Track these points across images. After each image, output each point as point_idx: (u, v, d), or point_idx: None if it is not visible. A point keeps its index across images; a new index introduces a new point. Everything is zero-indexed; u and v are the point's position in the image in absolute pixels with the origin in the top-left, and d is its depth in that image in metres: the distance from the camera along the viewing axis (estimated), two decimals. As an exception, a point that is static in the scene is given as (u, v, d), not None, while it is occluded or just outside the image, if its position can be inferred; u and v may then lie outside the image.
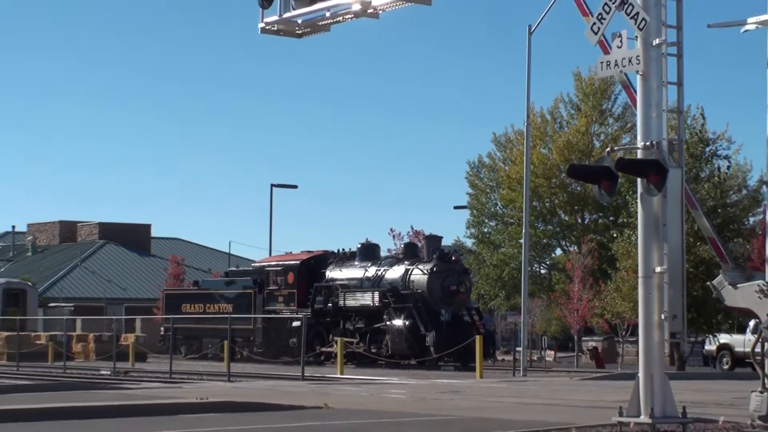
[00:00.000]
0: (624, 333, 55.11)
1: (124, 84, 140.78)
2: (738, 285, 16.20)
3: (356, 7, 19.55)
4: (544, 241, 70.22)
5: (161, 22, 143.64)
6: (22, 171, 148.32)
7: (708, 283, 17.28)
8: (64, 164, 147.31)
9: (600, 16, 15.57)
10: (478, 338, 40.81)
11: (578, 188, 64.85)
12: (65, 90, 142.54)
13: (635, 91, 15.80)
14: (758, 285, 16.06)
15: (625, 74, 16.52)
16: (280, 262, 54.59)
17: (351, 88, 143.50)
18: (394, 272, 48.97)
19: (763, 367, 16.40)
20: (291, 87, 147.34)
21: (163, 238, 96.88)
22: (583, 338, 60.80)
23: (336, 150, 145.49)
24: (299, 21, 20.37)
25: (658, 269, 15.25)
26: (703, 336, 54.81)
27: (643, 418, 15.15)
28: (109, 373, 40.24)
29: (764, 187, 17.94)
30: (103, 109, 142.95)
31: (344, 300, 49.77)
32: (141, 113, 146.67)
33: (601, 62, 15.91)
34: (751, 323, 17.25)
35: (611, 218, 65.53)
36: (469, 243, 73.12)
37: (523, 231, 43.91)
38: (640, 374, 15.38)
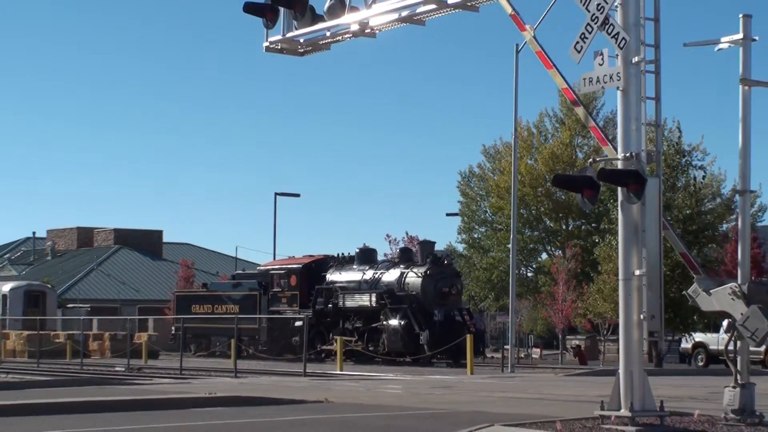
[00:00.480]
0: (605, 332, 55.19)
1: (139, 101, 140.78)
2: (711, 291, 16.26)
3: (354, 27, 19.62)
4: (531, 246, 70.17)
5: (174, 42, 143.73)
6: (41, 179, 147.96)
7: (684, 292, 17.35)
8: (81, 173, 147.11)
9: (583, 36, 15.60)
10: (468, 337, 40.79)
11: (562, 196, 64.82)
12: (83, 104, 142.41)
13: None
14: (731, 288, 16.12)
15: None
16: (284, 266, 54.63)
17: (350, 103, 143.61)
18: (390, 275, 49.00)
19: (735, 364, 16.46)
20: (294, 103, 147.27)
21: (174, 243, 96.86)
22: (567, 337, 60.88)
23: (336, 161, 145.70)
24: (301, 40, 20.42)
25: (637, 272, 15.29)
26: (679, 335, 54.87)
27: (623, 412, 15.19)
28: (123, 369, 40.24)
29: (737, 196, 17.84)
30: (118, 123, 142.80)
31: (343, 301, 49.82)
32: (154, 128, 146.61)
33: (584, 78, 15.94)
34: (725, 323, 17.35)
35: (593, 224, 65.48)
36: (460, 248, 73.06)
37: (511, 236, 43.94)
38: (621, 370, 15.42)
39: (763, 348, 49.80)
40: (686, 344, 55.15)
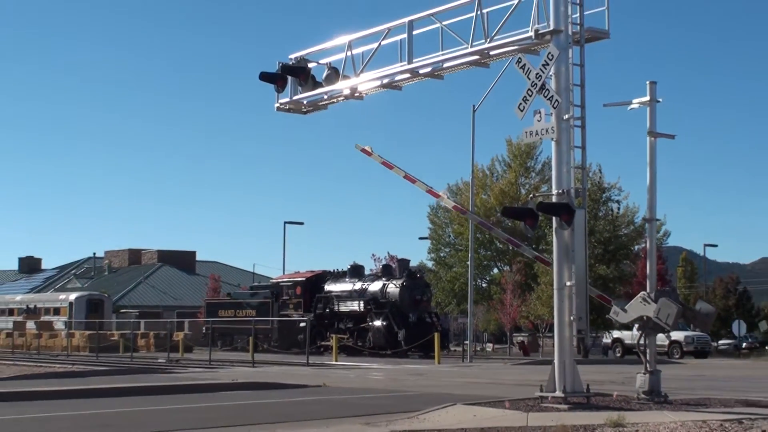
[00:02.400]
0: (544, 330, 55.20)
1: (179, 151, 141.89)
2: (626, 307, 16.33)
3: (346, 91, 19.68)
4: (485, 263, 70.17)
5: (208, 105, 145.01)
6: (101, 211, 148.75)
7: (607, 316, 17.49)
8: (132, 205, 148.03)
9: (525, 98, 15.63)
10: (436, 335, 40.92)
11: (509, 224, 64.73)
12: (135, 145, 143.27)
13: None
14: (641, 296, 16.18)
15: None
16: (291, 279, 54.52)
17: (343, 151, 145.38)
18: (375, 286, 48.97)
19: (645, 355, 16.49)
20: (299, 151, 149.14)
21: (205, 261, 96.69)
22: (514, 334, 60.85)
23: (333, 196, 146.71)
24: (305, 102, 20.47)
25: (568, 283, 15.31)
26: (601, 332, 55.00)
27: (558, 393, 15.17)
28: (164, 361, 40.10)
29: (646, 224, 17.94)
30: (160, 167, 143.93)
31: (338, 307, 49.77)
32: (190, 172, 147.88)
33: (526, 132, 15.98)
34: (636, 325, 17.34)
35: (534, 246, 65.54)
36: (430, 264, 72.97)
37: (469, 255, 44.04)
38: (556, 360, 15.41)
39: (666, 342, 50.01)
40: (607, 339, 55.32)
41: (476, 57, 17.16)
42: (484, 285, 70.18)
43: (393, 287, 47.84)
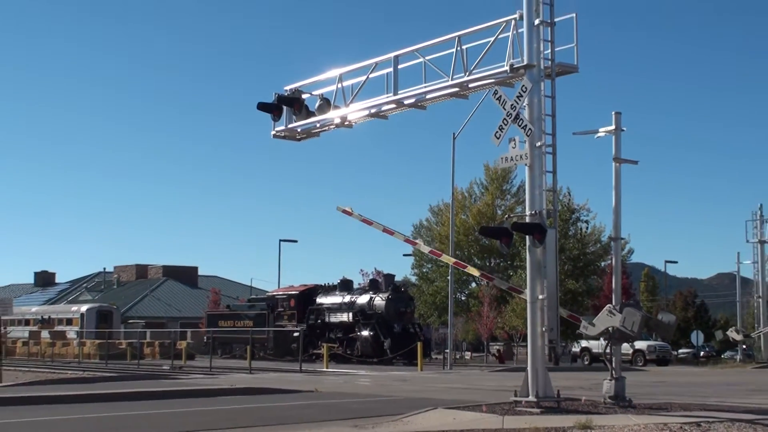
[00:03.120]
0: (518, 339, 55.13)
1: (182, 173, 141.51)
2: (594, 321, 16.32)
3: (337, 120, 19.67)
4: (464, 278, 70.13)
5: (211, 133, 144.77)
6: (110, 228, 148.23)
7: (578, 331, 17.48)
8: (139, 223, 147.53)
9: (501, 127, 15.64)
10: (419, 344, 40.84)
11: (487, 242, 64.84)
12: (143, 171, 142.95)
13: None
14: (607, 308, 16.16)
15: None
16: (285, 292, 54.36)
17: (332, 175, 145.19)
18: (363, 299, 48.86)
19: (611, 363, 16.47)
20: (294, 175, 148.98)
21: (206, 276, 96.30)
22: (490, 343, 60.72)
23: (324, 216, 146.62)
24: (299, 129, 20.42)
25: (540, 296, 15.29)
26: (570, 342, 55.00)
27: (531, 398, 15.12)
28: (168, 368, 39.91)
29: (612, 243, 17.96)
30: (164, 189, 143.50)
31: (329, 318, 49.64)
32: (192, 192, 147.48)
33: (502, 157, 15.99)
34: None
35: (509, 262, 65.55)
36: (413, 279, 72.92)
37: (450, 271, 43.97)
38: (529, 368, 15.37)
39: (630, 351, 50.02)
40: (576, 349, 55.26)
41: (456, 89, 17.20)
42: (463, 298, 70.10)
43: (379, 300, 47.77)
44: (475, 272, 25.61)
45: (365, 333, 46.56)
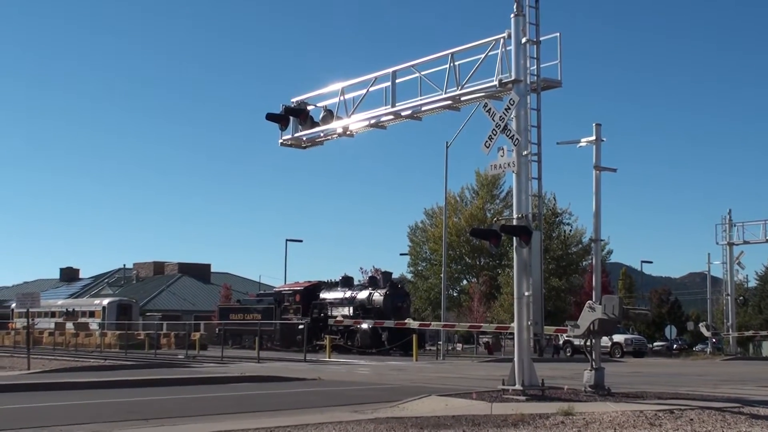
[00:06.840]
0: (505, 332, 55.06)
1: (196, 182, 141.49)
2: (577, 322, 16.31)
3: (339, 130, 19.69)
4: (456, 275, 70.19)
5: (224, 141, 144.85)
6: (130, 227, 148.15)
7: (566, 336, 17.55)
8: (158, 223, 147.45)
9: (490, 137, 15.67)
10: (414, 336, 40.79)
11: (477, 243, 64.98)
12: (160, 173, 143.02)
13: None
14: (588, 304, 16.19)
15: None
16: (291, 288, 54.34)
17: (336, 181, 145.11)
18: (362, 294, 48.88)
19: (591, 354, 16.49)
20: (300, 180, 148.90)
21: (218, 272, 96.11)
22: (480, 336, 60.68)
23: (328, 216, 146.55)
24: (304, 138, 20.45)
25: (526, 293, 15.32)
26: (554, 335, 54.89)
27: (517, 386, 15.15)
28: (183, 357, 39.89)
29: (592, 244, 18.01)
30: (180, 191, 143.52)
31: (331, 312, 49.59)
32: (207, 194, 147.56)
33: (491, 165, 16.01)
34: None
35: (497, 261, 65.65)
36: (409, 276, 72.97)
37: (443, 269, 43.99)
38: (515, 358, 15.40)
39: (609, 343, 49.99)
40: (558, 341, 55.18)
41: (449, 102, 17.24)
42: (455, 294, 70.16)
43: (378, 296, 47.77)
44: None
45: (365, 326, 46.54)
